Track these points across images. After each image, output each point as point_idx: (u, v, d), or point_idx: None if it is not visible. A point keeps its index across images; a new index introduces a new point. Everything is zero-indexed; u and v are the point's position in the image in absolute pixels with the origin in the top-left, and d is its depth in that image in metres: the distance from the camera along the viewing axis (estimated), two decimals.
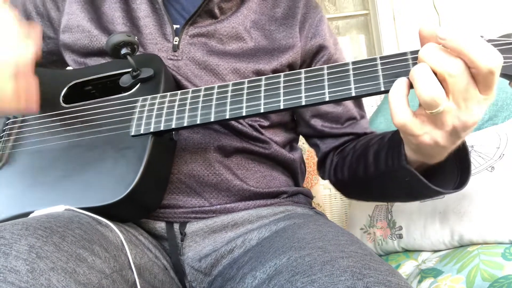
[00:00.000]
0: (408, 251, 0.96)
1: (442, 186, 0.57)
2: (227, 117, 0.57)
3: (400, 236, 0.96)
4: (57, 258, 0.44)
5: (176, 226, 0.67)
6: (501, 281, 0.67)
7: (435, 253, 0.90)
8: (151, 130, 0.60)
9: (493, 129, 0.97)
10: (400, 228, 0.96)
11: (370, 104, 1.34)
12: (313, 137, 0.82)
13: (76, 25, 0.75)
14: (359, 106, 0.84)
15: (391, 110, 0.47)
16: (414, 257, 0.92)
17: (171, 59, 0.71)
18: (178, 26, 0.74)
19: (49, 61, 0.84)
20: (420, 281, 0.80)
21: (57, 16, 0.79)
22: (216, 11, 0.74)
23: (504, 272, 0.69)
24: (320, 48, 0.78)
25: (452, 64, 0.44)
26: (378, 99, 1.33)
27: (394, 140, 0.60)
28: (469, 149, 0.94)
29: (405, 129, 0.48)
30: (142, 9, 0.75)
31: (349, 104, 0.81)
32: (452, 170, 0.59)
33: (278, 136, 0.77)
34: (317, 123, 0.79)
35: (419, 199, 0.66)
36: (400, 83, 0.48)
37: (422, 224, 0.91)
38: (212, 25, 0.74)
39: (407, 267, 0.90)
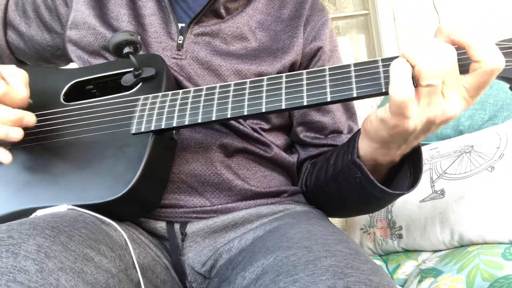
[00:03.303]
0: (408, 251, 0.97)
1: (393, 189, 0.59)
2: (229, 116, 0.57)
3: (400, 236, 0.96)
4: (65, 258, 0.44)
5: (177, 226, 0.67)
6: (501, 281, 0.68)
7: (435, 253, 0.90)
8: (152, 128, 0.60)
9: (493, 129, 0.97)
10: (400, 228, 0.96)
11: (370, 104, 1.34)
12: (295, 142, 0.82)
13: (82, 22, 0.75)
14: (351, 118, 0.82)
15: (392, 86, 0.47)
16: (414, 257, 0.93)
17: (174, 58, 0.71)
18: (183, 24, 0.74)
19: (53, 55, 0.84)
20: (420, 281, 0.81)
21: (65, 12, 0.79)
22: (222, 11, 0.73)
23: (504, 272, 0.70)
24: (317, 52, 0.78)
25: (444, 48, 0.46)
26: (378, 99, 1.34)
27: (352, 137, 0.62)
28: (469, 149, 0.95)
29: (402, 108, 0.48)
30: (148, 7, 0.75)
31: (340, 115, 0.79)
32: (405, 175, 0.60)
33: (280, 139, 0.77)
34: (300, 131, 0.78)
35: (372, 204, 0.66)
36: (402, 59, 0.48)
37: (422, 224, 0.91)
38: (217, 24, 0.73)
39: (407, 267, 0.90)
